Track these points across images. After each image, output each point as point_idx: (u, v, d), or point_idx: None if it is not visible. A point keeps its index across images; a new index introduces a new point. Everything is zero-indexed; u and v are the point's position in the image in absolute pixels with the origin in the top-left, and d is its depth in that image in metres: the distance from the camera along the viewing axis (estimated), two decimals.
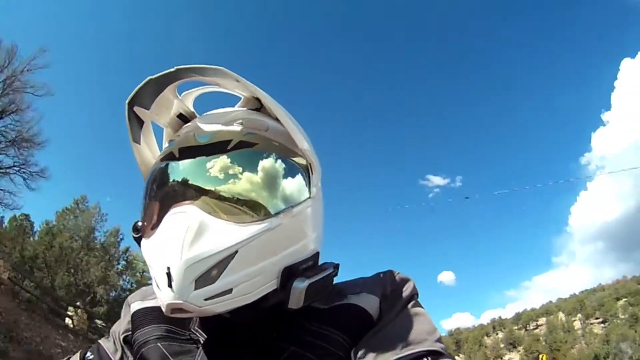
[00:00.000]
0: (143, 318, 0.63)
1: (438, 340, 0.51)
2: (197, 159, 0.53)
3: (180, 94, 0.62)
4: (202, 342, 0.57)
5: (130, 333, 0.65)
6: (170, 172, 0.54)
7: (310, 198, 0.55)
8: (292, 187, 0.53)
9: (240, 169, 0.51)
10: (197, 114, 0.64)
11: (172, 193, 0.52)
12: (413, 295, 0.57)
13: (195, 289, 0.46)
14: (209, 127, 0.56)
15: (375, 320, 0.54)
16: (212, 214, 0.48)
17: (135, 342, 0.61)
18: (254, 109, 0.61)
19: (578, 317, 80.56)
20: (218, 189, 0.50)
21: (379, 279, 0.59)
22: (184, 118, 0.63)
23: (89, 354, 0.68)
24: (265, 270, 0.50)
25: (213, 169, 0.51)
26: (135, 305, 0.67)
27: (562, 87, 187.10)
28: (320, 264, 0.56)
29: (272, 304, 0.53)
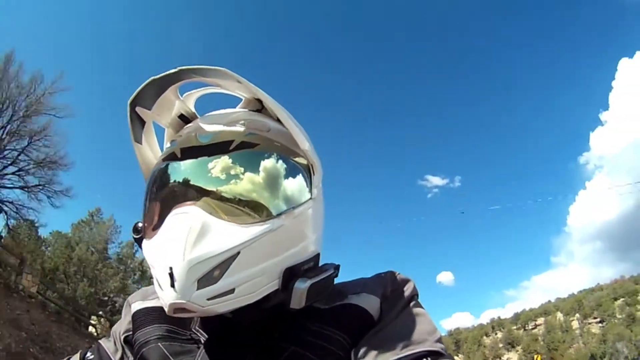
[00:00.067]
0: (144, 318, 0.64)
1: (438, 341, 0.51)
2: (198, 160, 0.53)
3: (182, 95, 0.62)
4: (202, 342, 0.58)
5: (131, 333, 0.65)
6: (172, 172, 0.54)
7: (312, 199, 0.55)
8: (293, 187, 0.54)
9: (242, 170, 0.51)
10: (198, 115, 0.64)
11: (173, 193, 0.52)
12: (413, 296, 0.58)
13: (198, 289, 0.46)
14: (211, 127, 0.56)
15: (376, 321, 0.54)
16: (214, 215, 0.49)
17: (136, 342, 0.61)
18: (255, 110, 0.61)
19: (576, 317, 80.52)
20: (220, 190, 0.51)
21: (380, 280, 0.59)
22: (185, 119, 0.63)
23: (89, 354, 0.67)
24: (267, 271, 0.50)
25: (214, 170, 0.52)
26: (136, 305, 0.67)
27: (560, 87, 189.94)
28: (321, 265, 0.56)
29: (273, 304, 0.53)
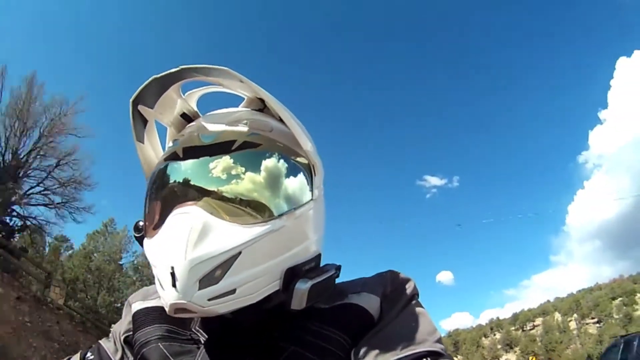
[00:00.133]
0: (144, 318, 0.63)
1: (438, 341, 0.51)
2: (200, 160, 0.53)
3: (184, 94, 0.62)
4: (203, 342, 0.57)
5: (131, 333, 0.65)
6: (174, 172, 0.54)
7: (313, 200, 0.55)
8: (295, 188, 0.54)
9: (243, 169, 0.52)
10: (200, 114, 0.64)
11: (175, 193, 0.52)
12: (414, 295, 0.58)
13: (199, 289, 0.46)
14: (213, 127, 0.56)
15: (376, 320, 0.54)
16: (215, 215, 0.49)
17: (136, 342, 0.61)
18: (258, 110, 0.61)
19: (574, 317, 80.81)
20: (221, 190, 0.51)
21: (380, 279, 0.59)
22: (188, 117, 0.63)
23: (90, 354, 0.67)
24: (268, 272, 0.50)
25: (216, 170, 0.52)
26: (137, 305, 0.67)
27: (559, 86, 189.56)
28: (322, 266, 0.56)
29: (274, 305, 0.53)
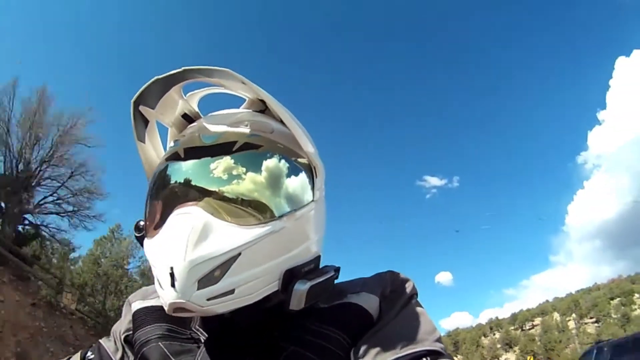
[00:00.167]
0: (144, 317, 0.64)
1: (438, 340, 0.51)
2: (201, 160, 0.53)
3: (186, 95, 0.62)
4: (203, 341, 0.58)
5: (131, 332, 0.65)
6: (175, 172, 0.54)
7: (314, 201, 0.55)
8: (295, 189, 0.54)
9: (244, 170, 0.52)
10: (201, 114, 0.64)
11: (175, 193, 0.53)
12: (413, 295, 0.58)
13: (198, 289, 0.46)
14: (214, 127, 0.56)
15: (375, 320, 0.55)
16: (215, 216, 0.49)
17: (136, 341, 0.62)
18: (259, 111, 0.61)
19: (572, 317, 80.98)
20: (222, 190, 0.51)
21: (379, 279, 0.59)
22: (189, 118, 0.63)
23: (90, 354, 0.67)
24: (268, 272, 0.50)
25: (217, 170, 0.52)
26: (136, 305, 0.67)
27: (558, 86, 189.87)
28: (322, 267, 0.56)
29: (273, 304, 0.53)
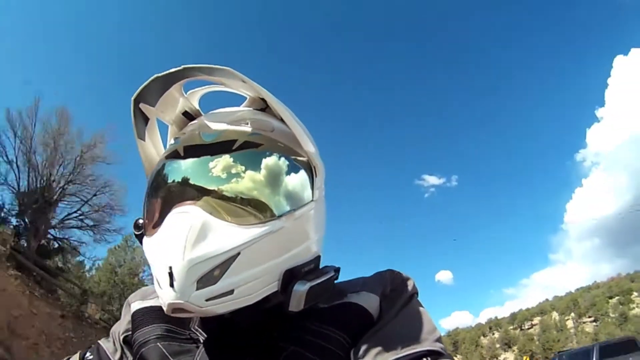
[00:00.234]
0: (143, 318, 0.63)
1: (438, 340, 0.51)
2: (200, 158, 0.53)
3: (186, 92, 0.62)
4: (202, 341, 0.57)
5: (130, 333, 0.65)
6: (174, 170, 0.54)
7: (314, 201, 0.55)
8: (295, 188, 0.54)
9: (243, 168, 0.51)
10: (202, 112, 0.63)
11: (174, 192, 0.52)
12: (413, 295, 0.58)
13: (197, 290, 0.46)
14: (215, 126, 0.56)
15: (375, 319, 0.54)
16: (214, 215, 0.48)
17: (135, 342, 0.61)
18: (260, 109, 0.61)
19: (571, 316, 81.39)
20: (221, 189, 0.50)
21: (379, 278, 0.59)
22: (189, 116, 0.63)
23: (89, 354, 0.67)
24: (267, 272, 0.50)
25: (216, 169, 0.51)
26: (136, 305, 0.67)
27: (556, 84, 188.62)
28: (322, 268, 0.56)
29: (272, 305, 0.53)
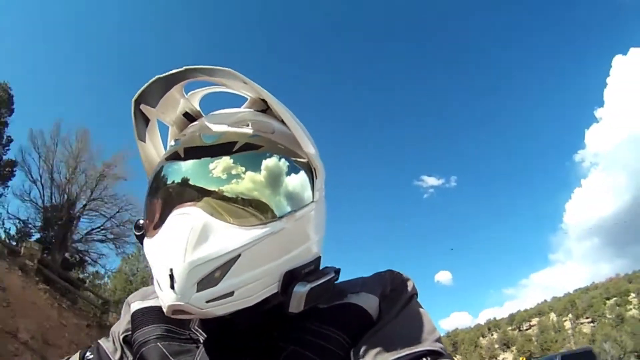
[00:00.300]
0: (143, 318, 0.63)
1: (438, 340, 0.51)
2: (201, 160, 0.53)
3: (187, 94, 0.62)
4: (202, 341, 0.57)
5: (130, 333, 0.65)
6: (175, 172, 0.54)
7: (314, 202, 0.55)
8: (295, 189, 0.54)
9: (243, 169, 0.51)
10: (203, 113, 0.63)
11: (175, 193, 0.52)
12: (413, 295, 0.58)
13: (198, 291, 0.46)
14: (215, 127, 0.56)
15: (375, 320, 0.54)
16: (215, 216, 0.48)
17: (135, 341, 0.61)
18: (260, 110, 0.61)
19: (569, 317, 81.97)
20: (221, 189, 0.50)
21: (379, 279, 0.59)
22: (190, 117, 0.63)
23: (89, 354, 0.67)
24: (268, 274, 0.50)
25: (216, 170, 0.51)
26: (135, 305, 0.67)
27: (555, 84, 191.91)
28: (322, 269, 0.56)
29: (272, 305, 0.53)
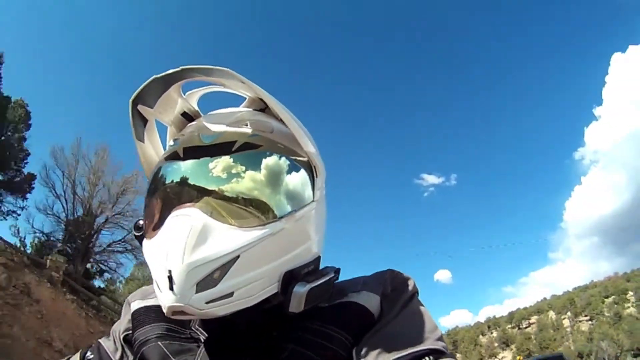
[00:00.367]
0: (143, 317, 0.63)
1: (439, 339, 0.51)
2: (200, 160, 0.52)
3: (185, 93, 0.61)
4: (202, 340, 0.57)
5: (131, 332, 0.64)
6: (174, 172, 0.54)
7: (314, 202, 0.54)
8: (295, 189, 0.53)
9: (243, 168, 0.51)
10: (201, 113, 0.63)
11: (174, 194, 0.52)
12: (414, 294, 0.58)
13: (197, 292, 0.46)
14: (214, 127, 0.56)
15: (376, 319, 0.54)
16: (214, 217, 0.48)
17: (136, 341, 0.61)
18: (259, 110, 0.61)
19: (567, 315, 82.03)
20: (221, 189, 0.50)
21: (380, 278, 0.59)
22: (188, 117, 0.62)
23: (89, 354, 0.67)
24: (267, 274, 0.50)
25: (216, 169, 0.51)
26: (136, 304, 0.66)
27: (554, 83, 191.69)
28: (322, 269, 0.56)
29: (272, 305, 0.53)
